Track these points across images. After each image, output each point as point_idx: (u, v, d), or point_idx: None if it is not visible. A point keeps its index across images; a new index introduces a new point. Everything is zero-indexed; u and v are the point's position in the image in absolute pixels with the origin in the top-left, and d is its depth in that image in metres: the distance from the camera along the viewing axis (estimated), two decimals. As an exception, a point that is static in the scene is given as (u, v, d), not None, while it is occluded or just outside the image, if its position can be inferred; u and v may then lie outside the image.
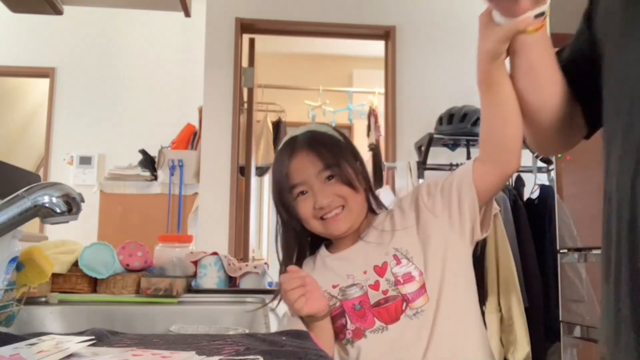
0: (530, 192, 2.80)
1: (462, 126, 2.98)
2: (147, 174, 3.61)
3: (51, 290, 1.33)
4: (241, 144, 3.58)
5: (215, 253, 1.54)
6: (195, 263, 1.53)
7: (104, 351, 0.65)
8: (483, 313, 2.40)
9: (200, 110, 3.63)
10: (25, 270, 0.97)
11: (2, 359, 0.57)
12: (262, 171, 4.79)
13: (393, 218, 1.08)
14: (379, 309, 1.01)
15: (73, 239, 1.48)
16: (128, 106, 4.37)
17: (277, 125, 4.97)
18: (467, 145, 3.07)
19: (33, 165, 4.68)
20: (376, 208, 1.12)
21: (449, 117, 3.05)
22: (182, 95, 4.29)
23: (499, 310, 2.40)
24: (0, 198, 0.78)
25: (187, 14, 2.13)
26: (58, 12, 1.90)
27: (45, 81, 4.40)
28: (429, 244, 1.03)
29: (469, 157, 3.07)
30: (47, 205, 0.76)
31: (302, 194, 1.06)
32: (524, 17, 0.81)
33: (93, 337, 0.73)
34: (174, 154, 3.58)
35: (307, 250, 1.15)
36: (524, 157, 1.02)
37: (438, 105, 3.23)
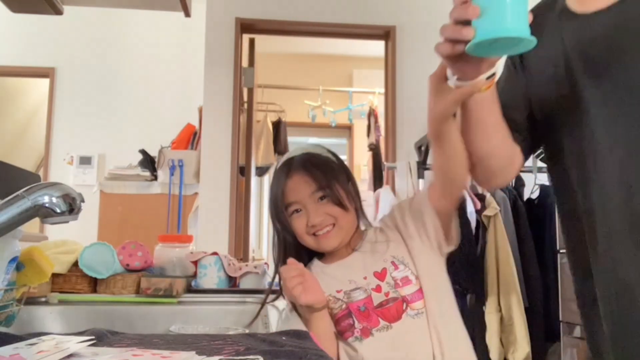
0: (530, 192, 2.80)
1: (462, 126, 2.98)
2: (147, 174, 3.61)
3: (51, 290, 1.33)
4: (241, 144, 3.58)
5: (215, 253, 1.53)
6: (195, 263, 1.52)
7: (104, 351, 0.65)
8: (483, 313, 2.40)
9: (200, 110, 3.62)
10: (25, 270, 0.98)
11: (2, 359, 0.57)
12: (262, 171, 4.79)
13: (384, 231, 1.17)
14: (382, 309, 1.07)
15: (73, 239, 1.47)
16: (128, 106, 4.37)
17: (277, 125, 4.97)
18: (467, 145, 3.06)
19: (33, 165, 4.67)
20: (365, 225, 1.21)
21: (449, 117, 3.04)
22: (182, 95, 4.29)
23: (499, 310, 2.40)
24: (0, 198, 0.78)
25: (187, 14, 2.13)
26: (58, 12, 1.90)
27: (45, 81, 4.40)
28: (413, 255, 1.12)
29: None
30: (47, 205, 0.76)
31: (297, 211, 1.13)
32: (479, 79, 0.84)
33: (93, 337, 0.72)
34: (174, 154, 3.58)
35: (304, 258, 1.19)
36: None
37: (438, 105, 3.23)
